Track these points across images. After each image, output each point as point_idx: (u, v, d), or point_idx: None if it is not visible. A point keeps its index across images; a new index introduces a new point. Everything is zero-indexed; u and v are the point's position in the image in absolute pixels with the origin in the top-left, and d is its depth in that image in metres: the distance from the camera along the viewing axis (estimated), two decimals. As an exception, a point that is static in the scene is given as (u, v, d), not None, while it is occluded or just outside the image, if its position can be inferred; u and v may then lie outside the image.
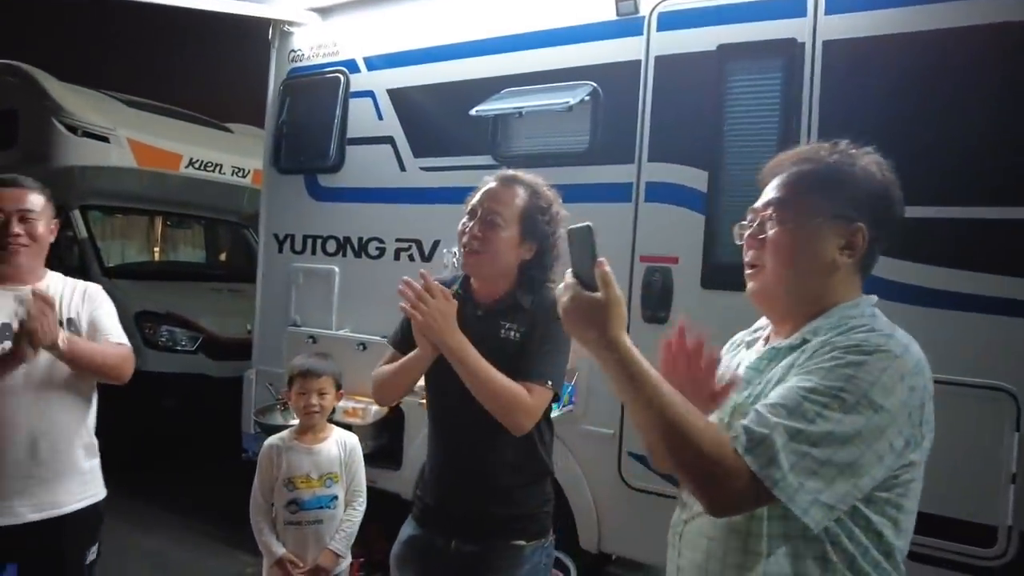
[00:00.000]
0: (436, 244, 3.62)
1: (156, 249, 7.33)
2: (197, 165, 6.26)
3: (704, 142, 2.91)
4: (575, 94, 3.12)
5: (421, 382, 3.31)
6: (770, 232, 1.21)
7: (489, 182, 1.83)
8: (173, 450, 5.41)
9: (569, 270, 1.15)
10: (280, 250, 4.23)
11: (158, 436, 5.08)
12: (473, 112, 3.33)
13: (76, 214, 5.73)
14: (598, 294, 1.09)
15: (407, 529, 1.93)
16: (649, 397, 1.06)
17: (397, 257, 3.76)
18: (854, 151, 1.23)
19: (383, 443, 3.65)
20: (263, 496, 2.46)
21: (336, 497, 2.46)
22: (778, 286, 1.22)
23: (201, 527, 4.39)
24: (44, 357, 2.05)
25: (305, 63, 4.18)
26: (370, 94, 3.89)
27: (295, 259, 4.14)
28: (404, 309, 1.68)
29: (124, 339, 2.21)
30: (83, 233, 5.69)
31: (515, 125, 3.41)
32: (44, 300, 1.92)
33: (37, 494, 2.07)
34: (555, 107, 3.15)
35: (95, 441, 2.25)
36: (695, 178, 2.92)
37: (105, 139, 5.78)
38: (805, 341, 1.17)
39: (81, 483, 2.16)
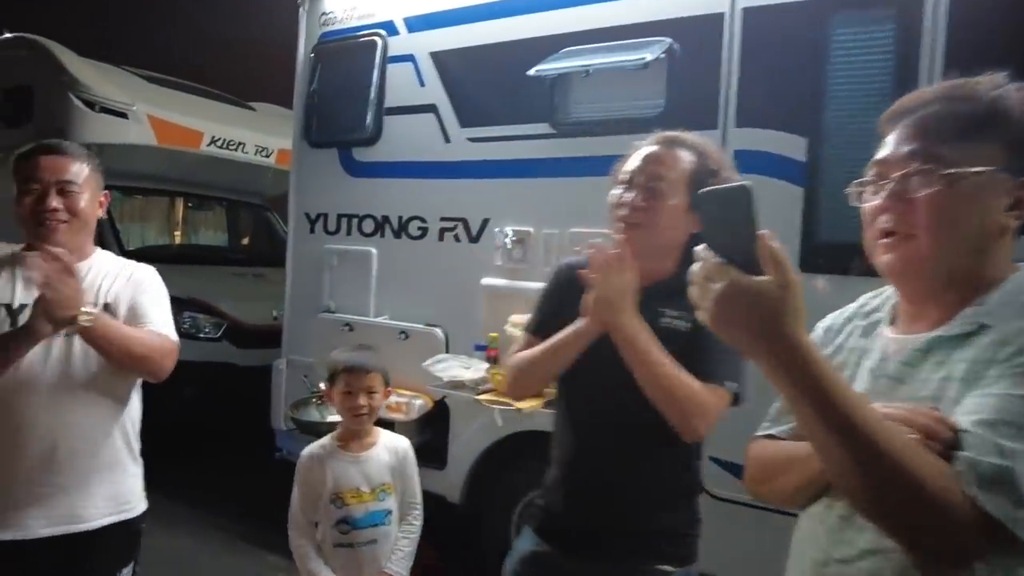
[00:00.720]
0: (485, 223, 3.31)
1: (177, 232, 7.14)
2: (219, 144, 6.00)
3: (802, 104, 2.56)
4: (651, 50, 2.76)
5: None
6: (922, 190, 0.97)
7: (646, 146, 1.57)
8: (197, 443, 5.18)
9: (702, 247, 0.86)
10: (312, 230, 3.94)
11: (181, 428, 4.83)
12: (532, 72, 2.99)
13: (95, 194, 5.48)
14: (767, 278, 0.82)
15: (526, 543, 1.67)
16: (845, 419, 0.81)
17: (441, 238, 3.46)
18: (1011, 85, 0.98)
19: (427, 440, 3.38)
20: (304, 515, 2.12)
21: (391, 512, 2.13)
22: (935, 257, 0.98)
23: (227, 524, 4.12)
24: (67, 346, 1.77)
25: (338, 26, 3.86)
26: (410, 58, 3.56)
27: (328, 240, 3.85)
28: (587, 275, 1.44)
29: (169, 330, 1.89)
30: (102, 214, 5.45)
31: (577, 88, 3.06)
32: (57, 259, 1.62)
33: (53, 506, 1.78)
34: (628, 65, 2.79)
35: (135, 447, 1.94)
36: (792, 145, 2.56)
37: (124, 115, 5.50)
38: (982, 327, 0.94)
39: (109, 496, 1.85)
